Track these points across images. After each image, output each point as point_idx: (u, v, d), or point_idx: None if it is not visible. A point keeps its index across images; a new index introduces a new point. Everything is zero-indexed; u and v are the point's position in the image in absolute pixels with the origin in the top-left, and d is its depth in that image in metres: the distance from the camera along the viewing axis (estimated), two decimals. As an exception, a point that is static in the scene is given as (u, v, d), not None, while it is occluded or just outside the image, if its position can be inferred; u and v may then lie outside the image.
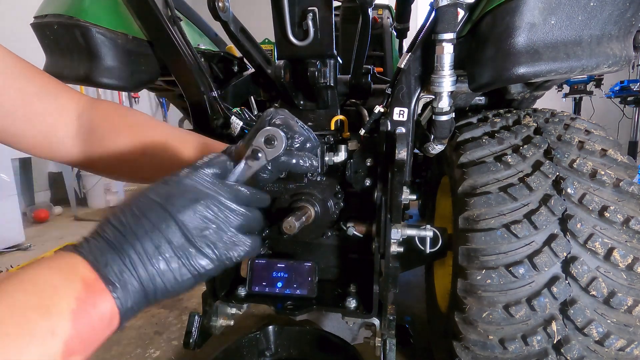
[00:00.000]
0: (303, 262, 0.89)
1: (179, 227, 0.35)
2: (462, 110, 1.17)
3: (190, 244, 0.35)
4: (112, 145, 0.57)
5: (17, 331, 0.25)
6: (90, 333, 0.29)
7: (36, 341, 0.26)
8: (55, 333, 0.27)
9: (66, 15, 0.83)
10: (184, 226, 0.35)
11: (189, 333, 0.88)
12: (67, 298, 0.28)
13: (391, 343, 0.80)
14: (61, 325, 0.27)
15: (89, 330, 0.29)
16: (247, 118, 1.00)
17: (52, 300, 0.27)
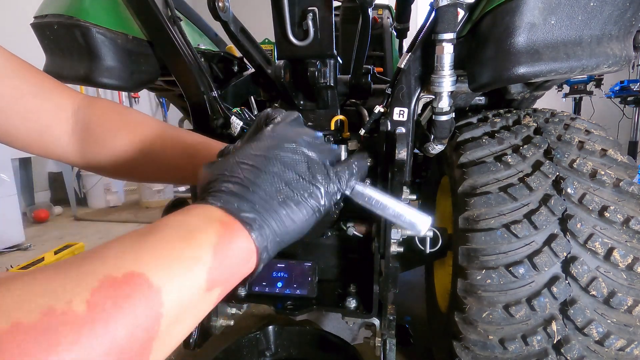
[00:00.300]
0: (303, 262, 0.89)
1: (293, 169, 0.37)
2: (462, 110, 1.17)
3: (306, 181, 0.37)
4: (111, 143, 0.57)
5: (166, 256, 0.27)
6: (230, 266, 0.31)
7: (184, 266, 0.28)
8: (200, 261, 0.29)
9: (66, 15, 0.83)
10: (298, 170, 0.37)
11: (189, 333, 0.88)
12: (207, 234, 0.30)
13: (391, 343, 0.80)
14: (204, 255, 0.29)
15: (229, 263, 0.31)
16: (247, 118, 1.00)
17: (194, 235, 0.29)
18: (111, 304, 0.23)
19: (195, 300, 0.28)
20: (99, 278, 0.24)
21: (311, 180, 0.37)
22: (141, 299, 0.24)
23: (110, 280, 0.24)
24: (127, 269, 0.25)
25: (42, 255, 2.20)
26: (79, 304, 0.22)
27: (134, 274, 0.25)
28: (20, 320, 0.20)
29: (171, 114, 5.57)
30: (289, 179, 0.36)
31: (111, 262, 0.25)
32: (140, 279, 0.25)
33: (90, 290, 0.23)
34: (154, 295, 0.25)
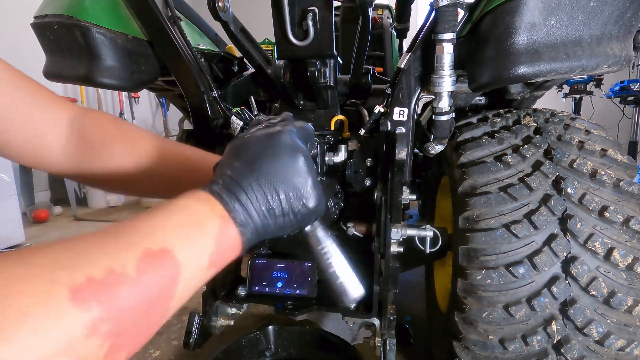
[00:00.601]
0: (303, 262, 0.89)
1: (290, 184, 0.42)
2: (462, 110, 1.17)
3: (297, 198, 0.43)
4: (107, 156, 0.57)
5: (187, 237, 0.34)
6: (224, 253, 0.38)
7: (198, 250, 0.35)
8: (207, 247, 0.36)
9: (66, 15, 0.83)
10: (294, 184, 0.43)
11: (189, 333, 0.88)
12: (212, 225, 0.37)
13: (391, 343, 0.80)
14: (210, 242, 0.36)
15: (224, 251, 0.38)
16: (247, 118, 1.00)
17: (203, 223, 0.36)
18: (152, 271, 0.30)
19: (199, 275, 0.36)
20: (142, 249, 0.30)
21: (303, 198, 0.43)
22: (170, 270, 0.32)
23: (150, 253, 0.31)
24: (161, 245, 0.32)
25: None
26: (130, 269, 0.28)
27: (166, 250, 0.32)
28: (93, 276, 0.26)
29: (171, 114, 5.56)
30: (285, 192, 0.42)
31: (149, 238, 0.32)
32: (169, 254, 0.32)
33: (137, 259, 0.29)
34: (177, 268, 0.32)
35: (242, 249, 0.40)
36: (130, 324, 0.28)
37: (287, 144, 0.44)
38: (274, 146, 0.43)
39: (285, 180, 0.42)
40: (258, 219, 0.41)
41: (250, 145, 0.44)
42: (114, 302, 0.27)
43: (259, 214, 0.41)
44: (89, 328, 0.25)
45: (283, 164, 0.43)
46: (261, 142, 0.44)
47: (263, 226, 0.41)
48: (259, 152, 0.43)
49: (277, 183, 0.42)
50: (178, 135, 0.94)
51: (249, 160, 0.42)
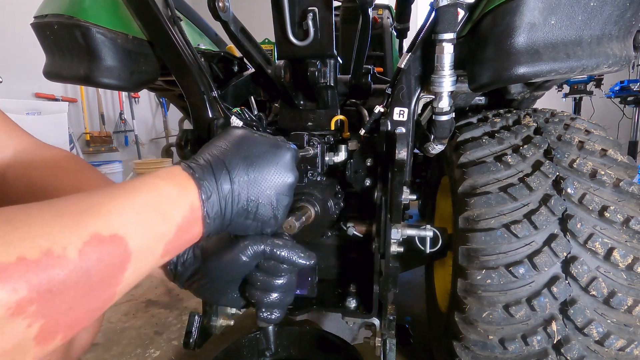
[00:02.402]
0: (303, 262, 0.89)
1: (275, 197, 0.43)
2: (462, 110, 1.17)
3: (272, 211, 0.43)
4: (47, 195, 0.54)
5: (145, 225, 0.33)
6: (181, 242, 0.37)
7: (153, 239, 0.34)
8: (165, 236, 0.35)
9: (66, 15, 0.83)
10: (276, 199, 0.43)
11: (189, 333, 0.88)
12: (177, 213, 0.36)
13: (391, 343, 0.80)
14: (169, 232, 0.35)
15: (181, 240, 0.37)
16: (247, 118, 1.00)
17: (168, 210, 0.35)
18: (96, 258, 0.28)
19: (151, 263, 0.35)
20: (90, 233, 0.28)
21: (276, 214, 0.44)
22: (117, 257, 0.30)
23: (99, 238, 0.29)
24: (114, 230, 0.30)
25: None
26: (72, 252, 0.27)
27: (117, 237, 0.30)
28: (25, 256, 0.24)
29: (171, 114, 5.57)
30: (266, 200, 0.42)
31: (102, 221, 0.30)
32: (121, 242, 0.30)
33: (82, 243, 0.28)
34: (127, 256, 0.31)
35: (200, 240, 0.40)
36: (65, 306, 0.27)
37: (288, 160, 0.44)
38: (277, 155, 0.44)
39: (272, 189, 0.42)
40: (230, 215, 0.40)
41: (253, 145, 0.43)
42: (45, 284, 0.25)
43: (232, 211, 0.40)
44: (12, 308, 0.24)
45: (277, 175, 0.43)
46: (266, 146, 0.44)
47: (230, 223, 0.41)
48: (261, 152, 0.43)
49: (263, 188, 0.42)
50: (178, 135, 0.94)
51: (247, 155, 0.42)
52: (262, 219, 0.43)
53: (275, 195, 0.43)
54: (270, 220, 0.43)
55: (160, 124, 5.68)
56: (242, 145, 0.43)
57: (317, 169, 0.89)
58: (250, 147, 0.43)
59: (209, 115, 0.94)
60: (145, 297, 1.68)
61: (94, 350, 1.30)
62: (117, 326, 1.46)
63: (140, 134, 5.09)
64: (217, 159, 0.41)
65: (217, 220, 0.39)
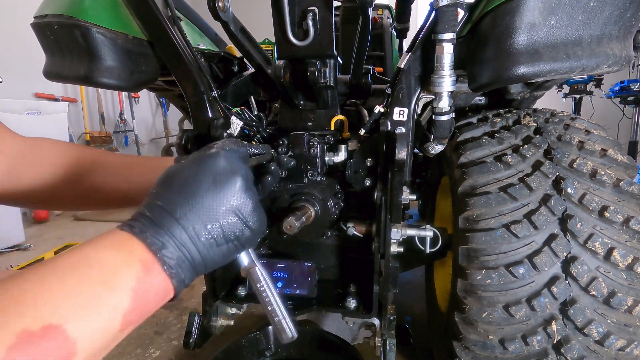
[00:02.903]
0: (303, 262, 0.89)
1: (233, 210, 0.38)
2: (462, 110, 1.17)
3: (240, 221, 0.39)
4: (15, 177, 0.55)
5: (86, 304, 0.28)
6: (146, 307, 0.33)
7: (102, 315, 0.29)
8: (118, 308, 0.30)
9: (66, 15, 0.83)
10: (236, 209, 0.39)
11: (189, 333, 0.88)
12: (127, 277, 0.31)
13: (391, 343, 0.80)
14: (123, 301, 0.31)
15: (145, 304, 0.33)
16: (247, 118, 1.00)
17: (114, 278, 0.31)
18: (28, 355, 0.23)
19: (108, 341, 0.30)
20: (16, 332, 0.24)
21: (245, 222, 0.39)
22: (56, 352, 0.25)
23: (27, 335, 0.24)
24: (45, 321, 0.25)
25: (42, 255, 2.20)
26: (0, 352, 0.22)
27: (51, 327, 0.25)
28: None
29: (171, 114, 5.57)
30: (225, 218, 0.38)
31: (29, 314, 0.25)
32: (56, 332, 0.25)
33: (7, 348, 0.23)
34: (69, 346, 0.26)
35: (176, 291, 0.35)
36: None
37: (222, 166, 0.40)
38: (208, 169, 0.39)
39: (225, 204, 0.38)
40: (197, 252, 0.36)
41: (182, 171, 0.39)
42: None
43: (197, 247, 0.36)
44: None
45: (220, 188, 0.38)
46: (194, 167, 0.39)
47: (204, 259, 0.37)
48: (193, 177, 0.38)
49: (216, 209, 0.37)
50: (178, 135, 0.94)
51: (182, 187, 0.37)
52: (235, 235, 0.39)
53: (235, 208, 0.39)
54: (244, 232, 0.40)
55: (160, 124, 5.68)
56: (171, 180, 0.39)
57: (317, 169, 0.89)
58: (180, 177, 0.39)
59: (209, 115, 0.94)
60: (145, 297, 1.68)
61: (94, 350, 1.29)
62: (117, 326, 1.46)
63: (140, 134, 5.09)
64: (154, 205, 0.36)
65: (185, 265, 0.35)
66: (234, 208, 0.39)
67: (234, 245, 0.39)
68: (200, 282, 1.82)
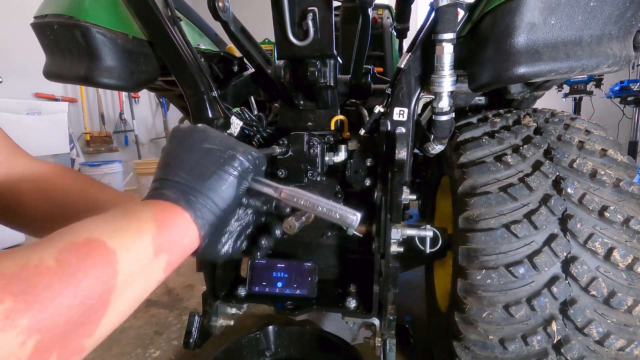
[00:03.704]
0: (303, 262, 0.89)
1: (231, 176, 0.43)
2: (462, 110, 1.17)
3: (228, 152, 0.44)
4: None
5: (116, 227, 0.32)
6: (172, 235, 0.36)
7: (132, 234, 0.33)
8: (144, 230, 0.34)
9: (66, 15, 0.83)
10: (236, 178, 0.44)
11: (189, 333, 0.88)
12: (146, 211, 0.36)
13: (391, 343, 0.80)
14: (147, 225, 0.34)
15: (171, 232, 0.36)
16: (247, 118, 1.00)
17: (135, 212, 0.35)
18: (76, 260, 0.28)
19: (145, 262, 0.33)
20: (64, 242, 0.29)
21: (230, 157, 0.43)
22: (99, 257, 0.30)
23: (73, 244, 0.29)
24: (85, 236, 0.30)
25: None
26: (49, 260, 0.27)
27: (92, 239, 0.30)
28: (2, 272, 0.25)
29: (171, 114, 5.57)
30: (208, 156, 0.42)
31: (71, 233, 0.30)
32: (97, 243, 0.30)
33: (58, 251, 0.28)
34: (110, 255, 0.30)
35: (199, 229, 0.39)
36: (59, 318, 0.26)
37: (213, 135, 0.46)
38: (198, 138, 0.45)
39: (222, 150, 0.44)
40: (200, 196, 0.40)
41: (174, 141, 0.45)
42: (30, 293, 0.25)
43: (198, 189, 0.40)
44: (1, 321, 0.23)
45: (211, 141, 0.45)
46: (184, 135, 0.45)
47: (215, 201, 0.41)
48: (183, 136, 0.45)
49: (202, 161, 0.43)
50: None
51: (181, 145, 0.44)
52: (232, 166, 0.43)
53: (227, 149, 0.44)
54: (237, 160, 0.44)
55: (160, 124, 5.68)
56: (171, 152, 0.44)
57: (317, 169, 0.89)
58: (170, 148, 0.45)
59: (209, 115, 0.94)
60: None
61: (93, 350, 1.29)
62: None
63: (140, 134, 5.09)
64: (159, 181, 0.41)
65: (187, 199, 0.39)
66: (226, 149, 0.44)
67: (235, 180, 0.43)
68: (200, 282, 1.82)
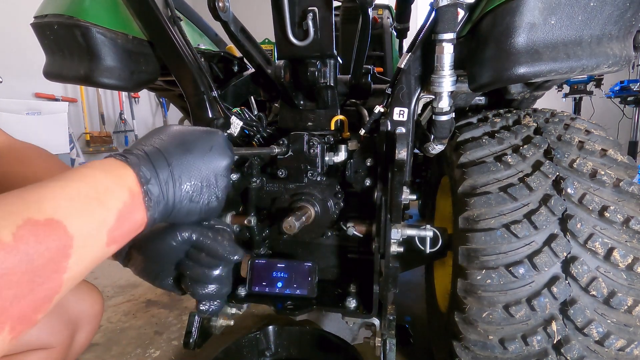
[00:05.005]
0: (303, 262, 0.89)
1: (213, 179, 0.44)
2: (462, 110, 1.17)
3: (214, 189, 0.44)
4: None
5: (82, 210, 0.32)
6: (124, 232, 0.37)
7: (94, 224, 0.33)
8: (105, 223, 0.34)
9: (66, 15, 0.83)
10: (215, 180, 0.44)
11: (189, 333, 0.88)
12: (116, 199, 0.35)
13: (391, 343, 0.80)
14: (110, 218, 0.35)
15: (125, 229, 0.36)
16: (247, 118, 1.00)
17: (105, 196, 0.35)
18: (33, 239, 0.28)
19: (97, 250, 0.34)
20: (23, 218, 0.28)
21: (217, 194, 0.44)
22: (56, 240, 0.30)
23: (33, 222, 0.29)
24: (48, 215, 0.30)
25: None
26: (6, 235, 0.27)
27: (53, 221, 0.30)
28: None
29: (171, 114, 5.57)
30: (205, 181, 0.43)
31: (34, 207, 0.30)
32: (58, 225, 0.30)
33: (16, 226, 0.28)
34: (67, 240, 0.31)
35: (147, 226, 0.39)
36: (9, 292, 0.27)
37: (221, 143, 0.46)
38: (209, 139, 0.45)
39: (210, 171, 0.44)
40: (173, 198, 0.40)
41: (186, 132, 0.45)
42: None
43: (175, 194, 0.40)
44: None
45: (214, 155, 0.44)
46: (198, 134, 0.46)
47: (174, 207, 0.41)
48: (194, 138, 0.44)
49: (202, 170, 0.43)
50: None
51: (182, 143, 0.43)
52: (204, 200, 0.44)
53: (214, 176, 0.44)
54: (212, 201, 0.44)
55: (160, 124, 5.69)
56: (175, 135, 0.44)
57: (317, 169, 0.89)
58: (183, 135, 0.44)
59: (209, 115, 0.94)
60: (145, 297, 1.68)
61: (94, 350, 1.30)
62: (117, 326, 1.46)
63: (140, 134, 5.09)
64: (152, 147, 0.41)
65: (161, 204, 0.39)
66: (215, 178, 0.44)
67: (199, 208, 0.43)
68: (200, 282, 1.82)
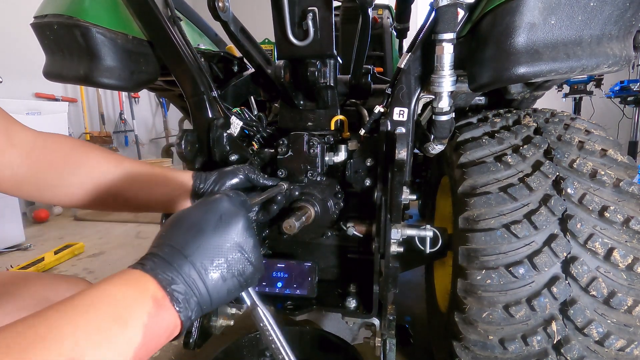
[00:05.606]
0: (303, 262, 0.89)
1: (237, 246, 0.42)
2: (462, 110, 1.17)
3: (244, 257, 0.43)
4: (67, 181, 0.59)
5: (101, 340, 0.31)
6: (155, 342, 0.35)
7: (114, 349, 0.32)
8: (130, 343, 0.33)
9: (66, 15, 0.83)
10: (239, 246, 0.42)
11: (189, 333, 0.88)
12: (140, 313, 0.34)
13: (391, 343, 0.80)
14: (135, 336, 0.33)
15: (155, 339, 0.35)
16: (247, 118, 1.00)
17: (128, 313, 0.33)
18: None
19: None
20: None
21: (248, 258, 0.43)
22: None
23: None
24: (68, 356, 0.29)
25: (42, 255, 2.20)
26: None
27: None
28: None
29: (171, 114, 5.57)
30: (231, 253, 0.42)
31: (54, 349, 0.29)
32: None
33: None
34: None
35: (183, 327, 0.38)
36: None
37: (226, 207, 0.44)
38: (214, 210, 0.44)
39: (229, 241, 0.42)
40: (204, 287, 0.39)
41: (189, 214, 0.43)
42: None
43: (205, 282, 0.39)
44: None
45: (226, 226, 0.42)
46: (201, 209, 0.44)
47: (210, 295, 0.39)
48: (200, 218, 0.42)
49: (222, 245, 0.41)
50: (178, 135, 0.94)
51: (190, 227, 0.41)
52: (239, 271, 0.42)
53: (236, 245, 0.42)
54: (247, 267, 0.43)
55: (160, 124, 5.68)
56: (179, 221, 0.42)
57: (317, 169, 0.89)
58: (187, 217, 0.43)
59: (209, 115, 0.94)
60: (145, 297, 1.68)
61: (94, 350, 1.29)
62: (117, 326, 1.46)
63: (140, 134, 5.09)
64: (164, 245, 0.40)
65: (192, 300, 0.38)
66: (238, 244, 0.42)
67: (237, 281, 0.42)
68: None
